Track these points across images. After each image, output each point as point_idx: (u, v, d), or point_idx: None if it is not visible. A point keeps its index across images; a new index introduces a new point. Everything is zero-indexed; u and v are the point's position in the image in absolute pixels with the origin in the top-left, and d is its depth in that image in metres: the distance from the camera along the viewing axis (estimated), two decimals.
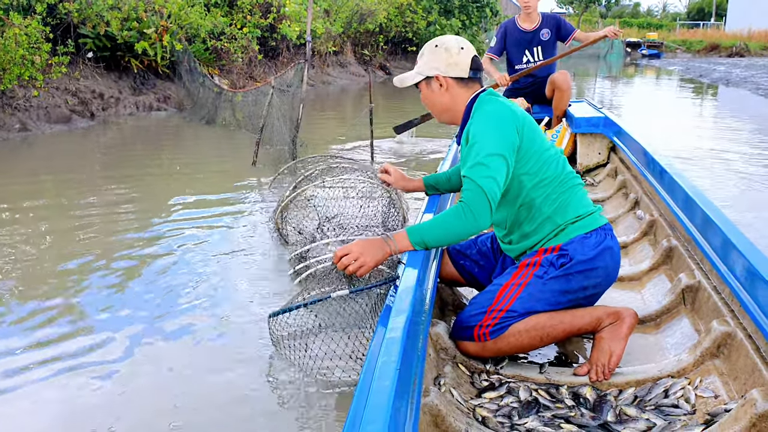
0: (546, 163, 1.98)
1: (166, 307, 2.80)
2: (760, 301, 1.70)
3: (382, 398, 1.20)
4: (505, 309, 1.90)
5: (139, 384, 2.22)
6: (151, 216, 4.13)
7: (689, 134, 7.98)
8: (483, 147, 1.87)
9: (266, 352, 2.38)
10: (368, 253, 1.85)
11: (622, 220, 3.40)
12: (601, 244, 1.97)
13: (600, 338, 1.93)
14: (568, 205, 1.99)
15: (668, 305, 2.26)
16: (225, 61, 10.72)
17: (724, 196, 4.66)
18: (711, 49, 33.41)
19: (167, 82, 9.82)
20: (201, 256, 3.37)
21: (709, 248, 2.18)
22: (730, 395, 1.71)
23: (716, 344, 1.84)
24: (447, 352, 1.96)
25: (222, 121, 7.94)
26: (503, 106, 1.99)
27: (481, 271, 2.27)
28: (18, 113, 7.26)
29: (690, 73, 21.12)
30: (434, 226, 1.89)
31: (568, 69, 4.86)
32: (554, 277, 1.93)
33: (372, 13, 16.11)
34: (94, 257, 3.37)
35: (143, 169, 5.71)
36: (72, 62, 8.49)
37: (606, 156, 4.47)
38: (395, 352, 1.36)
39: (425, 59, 2.07)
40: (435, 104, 2.12)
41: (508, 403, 1.78)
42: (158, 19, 8.97)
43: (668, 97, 14.41)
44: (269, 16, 11.77)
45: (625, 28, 43.89)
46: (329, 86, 13.89)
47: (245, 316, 2.69)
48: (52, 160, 6.11)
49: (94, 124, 8.00)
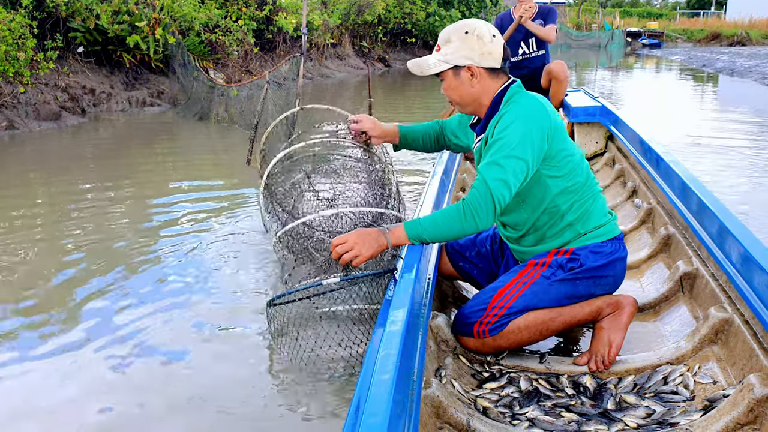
0: (574, 169, 1.91)
1: (160, 301, 2.81)
2: (757, 287, 1.72)
3: (383, 391, 1.21)
4: (506, 307, 1.88)
5: (141, 377, 2.24)
6: (140, 217, 4.12)
7: (698, 127, 7.74)
8: (505, 146, 1.79)
9: (265, 342, 2.40)
10: (364, 244, 1.82)
11: (621, 209, 3.42)
12: (614, 254, 1.96)
13: (600, 328, 1.94)
14: (590, 214, 1.94)
15: (666, 293, 2.28)
16: (220, 55, 10.59)
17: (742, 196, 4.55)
18: (712, 38, 33.31)
19: (161, 77, 9.66)
20: (194, 254, 3.38)
21: (705, 235, 2.20)
22: (729, 381, 1.72)
23: (714, 331, 1.85)
24: (447, 344, 1.97)
25: (215, 117, 7.83)
26: (537, 105, 1.87)
27: (480, 273, 2.24)
28: (5, 110, 7.08)
29: (693, 63, 20.74)
30: (433, 223, 1.85)
31: (569, 59, 4.85)
32: (561, 279, 1.91)
33: (370, 5, 15.98)
34: (85, 255, 3.37)
35: (133, 167, 5.63)
36: (62, 57, 8.31)
37: (603, 145, 4.48)
38: (395, 345, 1.37)
39: (454, 46, 1.90)
40: (463, 95, 1.96)
41: (509, 393, 1.80)
42: (150, 11, 8.79)
43: (672, 88, 14.12)
44: (265, 8, 11.66)
45: (626, 17, 43.46)
46: (328, 79, 13.77)
47: (241, 311, 2.71)
48: (41, 158, 6.04)
49: (85, 120, 7.85)
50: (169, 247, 3.48)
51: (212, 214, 4.08)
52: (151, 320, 2.64)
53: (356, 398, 1.23)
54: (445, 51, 1.92)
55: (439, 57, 1.93)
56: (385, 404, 1.17)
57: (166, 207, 4.30)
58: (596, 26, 36.82)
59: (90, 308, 2.77)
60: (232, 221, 3.91)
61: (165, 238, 3.65)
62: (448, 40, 1.92)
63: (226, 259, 3.29)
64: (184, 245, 3.50)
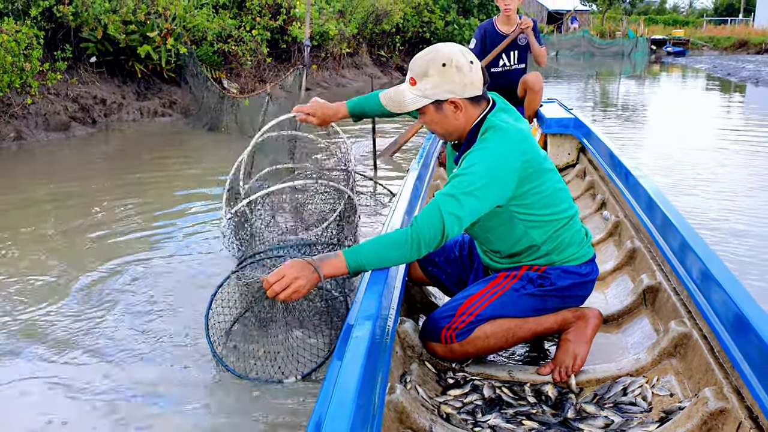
0: (548, 204, 1.89)
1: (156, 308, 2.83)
2: (714, 303, 1.77)
3: (347, 395, 1.22)
4: (475, 314, 1.90)
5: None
6: (145, 225, 4.09)
7: (716, 140, 7.51)
8: (466, 182, 1.74)
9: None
10: (302, 277, 1.70)
11: (589, 221, 3.48)
12: (586, 277, 1.99)
13: (565, 340, 1.97)
14: (567, 245, 1.95)
15: (630, 305, 2.32)
16: (234, 65, 10.45)
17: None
18: (739, 45, 32.56)
19: (173, 87, 9.54)
20: (184, 267, 3.36)
21: (668, 250, 2.25)
22: (685, 394, 1.77)
23: (673, 344, 1.90)
24: (414, 349, 1.99)
25: (224, 127, 7.73)
26: (510, 144, 1.79)
27: (448, 278, 2.25)
28: (14, 121, 7.01)
29: (717, 71, 20.29)
30: (375, 249, 1.77)
31: (591, 67, 4.87)
32: (530, 293, 1.93)
33: (388, 14, 15.80)
34: (93, 264, 3.37)
35: (140, 178, 5.54)
36: (72, 67, 8.24)
37: (575, 156, 4.55)
38: (361, 350, 1.38)
39: (433, 81, 1.79)
40: (447, 127, 1.88)
41: (473, 401, 1.82)
42: (162, 21, 8.70)
43: (693, 97, 13.75)
44: (279, 18, 11.54)
45: (651, 25, 42.60)
46: (344, 88, 13.55)
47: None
48: (47, 168, 5.98)
49: (94, 131, 7.75)
50: (170, 255, 3.50)
51: (213, 225, 4.05)
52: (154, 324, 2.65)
53: (319, 402, 1.23)
54: (423, 86, 1.81)
55: (418, 92, 1.83)
56: (348, 409, 1.18)
57: (170, 217, 4.27)
58: (620, 34, 36.42)
59: (92, 319, 2.75)
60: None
61: (165, 246, 3.66)
62: (425, 74, 1.80)
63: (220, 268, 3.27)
64: (184, 254, 3.52)
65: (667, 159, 6.30)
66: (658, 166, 5.85)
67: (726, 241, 3.76)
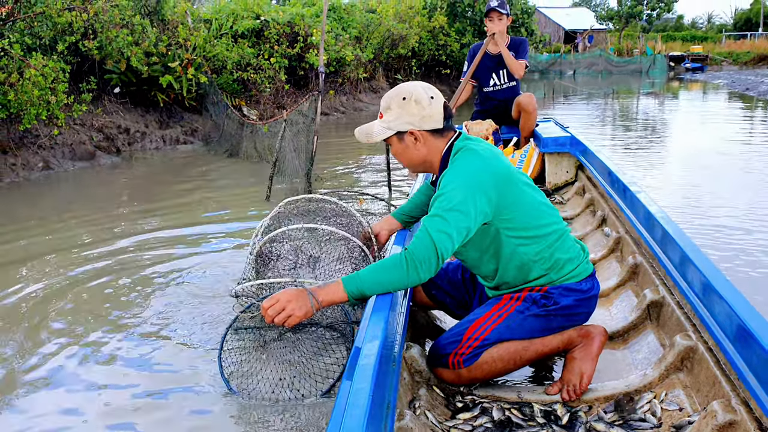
0: (536, 215, 1.93)
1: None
2: (717, 316, 1.78)
3: (356, 424, 1.23)
4: (481, 338, 1.92)
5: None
6: (167, 250, 4.20)
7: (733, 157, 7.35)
8: (446, 200, 1.82)
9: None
10: (296, 303, 1.81)
11: (590, 237, 3.49)
12: (589, 293, 2.00)
13: (572, 359, 1.98)
14: (563, 262, 1.96)
15: (635, 321, 2.33)
16: (253, 92, 10.63)
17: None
18: (759, 60, 32.22)
19: (194, 115, 9.78)
20: (198, 289, 3.44)
21: (670, 264, 2.27)
22: (694, 407, 1.77)
23: (680, 358, 1.90)
24: (422, 375, 1.99)
25: (244, 154, 7.87)
26: (479, 160, 1.90)
27: (452, 300, 2.27)
28: (42, 152, 7.22)
29: (736, 86, 20.15)
30: (373, 274, 1.83)
31: (609, 85, 4.82)
32: (535, 314, 1.95)
33: (404, 38, 15.95)
34: (114, 289, 3.49)
35: (163, 204, 5.67)
36: (97, 98, 8.52)
37: (574, 174, 4.58)
38: (368, 377, 1.39)
39: (395, 113, 1.97)
40: (410, 158, 2.03)
41: (482, 424, 1.82)
42: (183, 52, 8.98)
43: (711, 114, 13.25)
44: (296, 46, 11.70)
45: (669, 42, 41.79)
46: (361, 112, 13.70)
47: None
48: (74, 196, 6.18)
49: (119, 160, 7.95)
50: (189, 278, 3.61)
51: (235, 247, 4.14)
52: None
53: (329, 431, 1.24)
54: (387, 118, 1.98)
55: (383, 124, 2.00)
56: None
57: (192, 240, 4.40)
58: (638, 51, 36.22)
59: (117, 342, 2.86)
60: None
61: (184, 270, 3.76)
62: (389, 107, 1.99)
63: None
64: (204, 277, 3.62)
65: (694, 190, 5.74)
66: (687, 205, 5.18)
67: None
